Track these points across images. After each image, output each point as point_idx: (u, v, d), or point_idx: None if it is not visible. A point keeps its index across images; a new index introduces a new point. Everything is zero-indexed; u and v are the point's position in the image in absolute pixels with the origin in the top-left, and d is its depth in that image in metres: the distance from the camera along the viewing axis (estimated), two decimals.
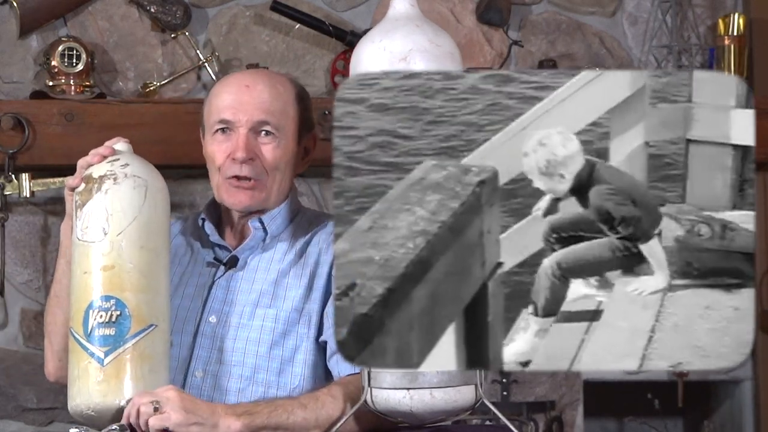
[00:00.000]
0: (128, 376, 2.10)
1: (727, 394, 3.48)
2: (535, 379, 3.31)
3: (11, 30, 3.19)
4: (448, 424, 2.11)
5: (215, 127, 2.32)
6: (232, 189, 2.31)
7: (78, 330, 2.13)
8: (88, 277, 2.14)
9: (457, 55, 2.06)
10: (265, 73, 2.46)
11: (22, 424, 3.20)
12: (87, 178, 2.19)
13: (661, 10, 3.31)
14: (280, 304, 2.30)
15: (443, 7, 3.30)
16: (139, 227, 2.15)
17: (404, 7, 2.08)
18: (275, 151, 2.31)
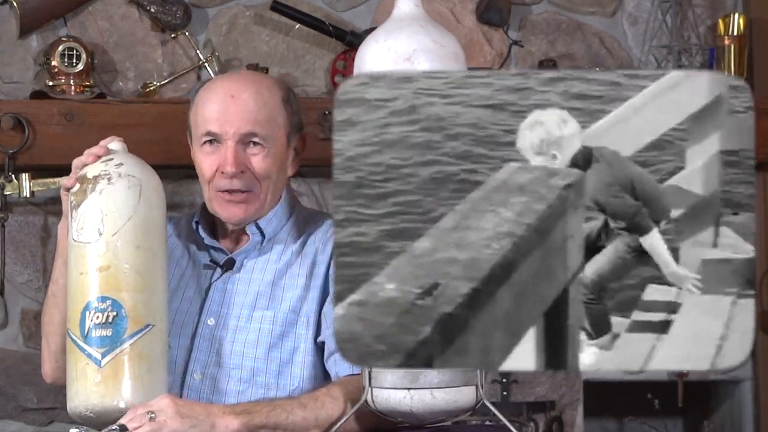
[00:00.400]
0: (126, 377, 2.10)
1: (727, 394, 3.48)
2: (535, 379, 3.31)
3: (11, 30, 3.19)
4: (448, 424, 2.11)
5: (202, 139, 2.30)
6: (224, 203, 2.30)
7: (75, 331, 2.12)
8: (84, 278, 2.13)
9: (461, 55, 2.07)
10: (249, 78, 2.39)
11: (22, 424, 3.20)
12: (81, 178, 2.19)
13: (661, 10, 3.31)
14: (277, 305, 2.29)
15: (443, 7, 3.30)
16: (134, 227, 2.14)
17: (409, 8, 2.08)
18: (265, 161, 2.29)
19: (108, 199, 2.15)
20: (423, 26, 2.06)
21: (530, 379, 3.30)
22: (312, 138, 2.90)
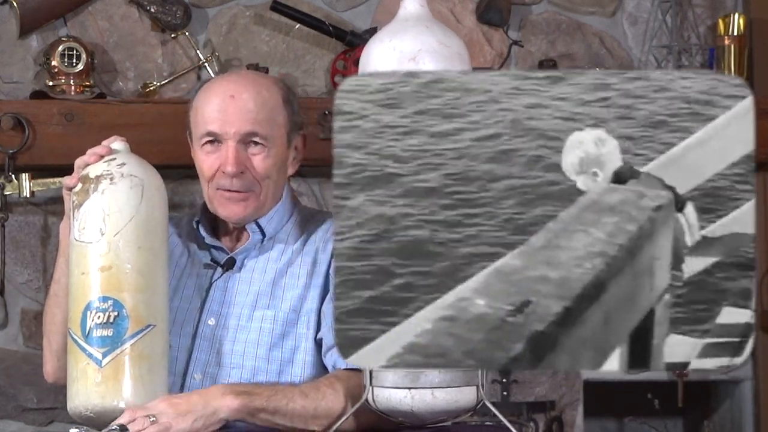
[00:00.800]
0: (127, 377, 2.10)
1: (727, 394, 3.48)
2: (535, 379, 3.32)
3: (11, 30, 3.19)
4: (448, 424, 2.11)
5: (203, 140, 2.30)
6: (224, 201, 2.30)
7: (76, 331, 2.12)
8: (85, 278, 2.13)
9: (465, 56, 2.07)
10: (249, 78, 2.39)
11: (22, 424, 3.20)
12: (84, 178, 2.18)
13: (661, 10, 3.32)
14: (278, 304, 2.29)
15: (443, 7, 3.30)
16: (136, 227, 2.14)
17: (414, 8, 2.09)
18: (265, 161, 2.29)
19: (110, 199, 2.15)
20: (428, 27, 2.06)
21: (530, 379, 3.30)
22: (312, 138, 2.90)
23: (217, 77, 2.52)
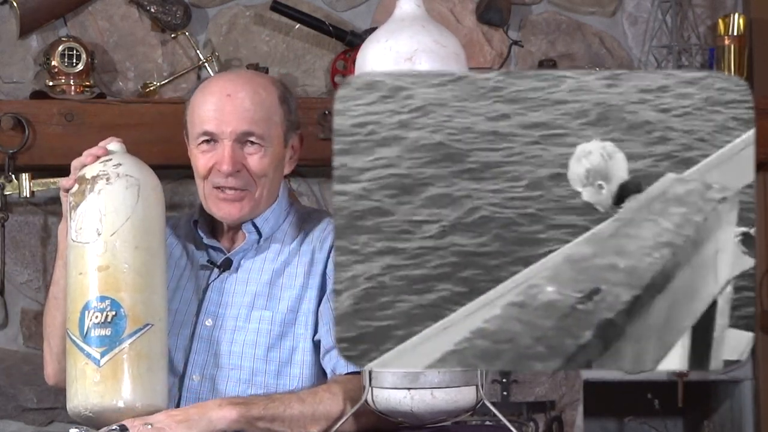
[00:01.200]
0: (125, 376, 2.10)
1: (727, 394, 3.48)
2: (535, 379, 3.32)
3: (11, 30, 3.19)
4: (448, 424, 2.11)
5: (199, 139, 2.30)
6: (219, 201, 2.30)
7: (74, 331, 2.12)
8: (83, 278, 2.13)
9: (462, 55, 2.07)
10: (246, 77, 2.38)
11: (22, 424, 3.20)
12: (80, 179, 2.19)
13: (661, 10, 3.31)
14: (275, 305, 2.29)
15: (443, 7, 3.30)
16: (132, 227, 2.15)
17: (410, 8, 2.09)
18: (262, 160, 2.29)
19: (106, 199, 2.15)
20: (424, 26, 2.06)
21: (530, 379, 3.30)
22: (312, 138, 2.91)
23: (213, 76, 2.53)
